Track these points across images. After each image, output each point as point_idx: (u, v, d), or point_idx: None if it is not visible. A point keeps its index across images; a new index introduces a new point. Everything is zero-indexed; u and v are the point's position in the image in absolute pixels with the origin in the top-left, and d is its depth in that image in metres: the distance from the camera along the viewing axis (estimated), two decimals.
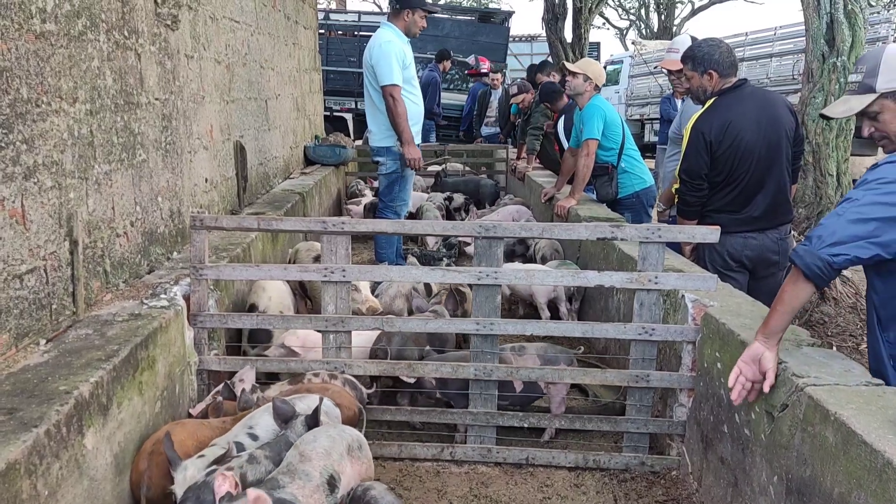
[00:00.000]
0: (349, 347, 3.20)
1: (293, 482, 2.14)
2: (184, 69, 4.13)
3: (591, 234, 3.03)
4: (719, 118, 3.73)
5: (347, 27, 18.24)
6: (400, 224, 3.12)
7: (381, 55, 5.31)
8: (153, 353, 2.71)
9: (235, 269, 3.17)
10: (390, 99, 5.29)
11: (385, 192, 5.71)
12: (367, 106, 5.66)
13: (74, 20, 2.83)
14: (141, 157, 3.48)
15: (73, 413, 2.09)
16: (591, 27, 16.42)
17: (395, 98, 5.30)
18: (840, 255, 2.19)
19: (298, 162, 7.94)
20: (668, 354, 3.33)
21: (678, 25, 33.67)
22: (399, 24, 5.55)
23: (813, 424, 2.08)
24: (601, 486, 3.10)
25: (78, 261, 2.78)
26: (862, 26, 6.15)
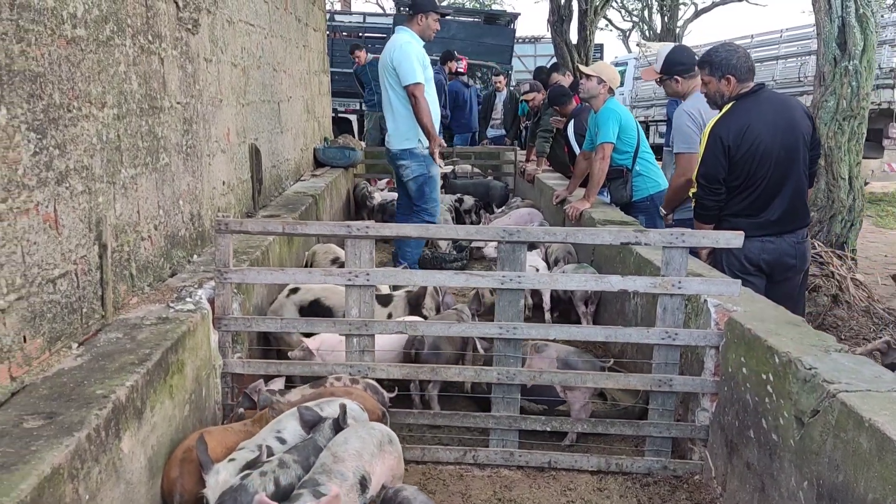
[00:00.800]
0: (373, 351, 3.21)
1: (331, 481, 2.17)
2: (203, 73, 4.15)
3: (616, 239, 3.04)
4: (737, 122, 3.75)
5: (352, 28, 18.26)
6: (424, 229, 3.13)
7: (403, 56, 5.36)
8: (182, 357, 2.73)
9: (260, 272, 3.18)
10: (413, 98, 5.34)
11: (417, 196, 5.73)
12: (386, 110, 5.69)
13: (103, 25, 2.84)
14: (164, 160, 3.49)
15: (112, 417, 2.11)
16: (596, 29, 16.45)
17: (418, 97, 5.36)
18: None
19: (308, 164, 7.96)
20: (689, 359, 3.35)
21: (681, 27, 33.67)
22: (414, 27, 5.59)
23: (846, 430, 2.10)
24: (624, 489, 3.11)
25: (107, 265, 2.79)
26: (874, 30, 6.16)
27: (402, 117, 5.51)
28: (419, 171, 5.64)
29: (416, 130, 5.57)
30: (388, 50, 5.54)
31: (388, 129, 5.72)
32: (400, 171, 5.73)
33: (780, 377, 2.51)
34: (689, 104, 4.65)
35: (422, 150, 5.59)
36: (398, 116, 5.55)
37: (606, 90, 5.51)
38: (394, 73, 5.44)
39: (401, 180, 5.85)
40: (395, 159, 5.71)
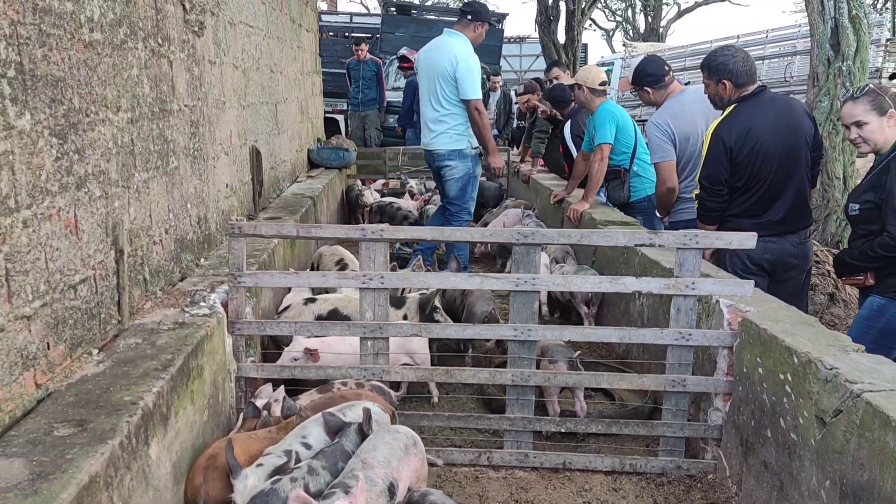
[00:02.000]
0: (387, 354, 3.21)
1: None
2: (208, 75, 4.13)
3: (630, 241, 3.07)
4: (739, 125, 3.79)
5: (339, 28, 18.23)
6: (439, 231, 3.14)
7: (468, 70, 5.50)
8: (201, 362, 2.72)
9: (274, 276, 3.17)
10: (476, 112, 5.54)
11: (458, 196, 5.82)
12: (427, 112, 5.74)
13: (117, 28, 2.83)
14: (173, 164, 3.48)
15: (141, 424, 2.10)
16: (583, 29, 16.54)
17: (481, 111, 5.58)
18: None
19: (303, 165, 7.94)
20: (700, 359, 3.37)
21: (664, 27, 33.93)
22: (469, 34, 5.68)
23: (871, 430, 2.12)
24: (639, 489, 3.13)
25: (123, 269, 2.78)
26: (866, 31, 6.26)
27: (454, 118, 5.61)
28: (465, 171, 5.76)
29: (467, 132, 5.70)
30: (443, 55, 5.57)
31: (433, 130, 5.73)
32: (445, 171, 5.79)
33: (800, 377, 2.54)
34: (658, 115, 4.70)
35: (470, 151, 5.73)
36: (449, 118, 5.63)
37: (588, 92, 5.57)
38: (451, 80, 5.53)
39: (440, 179, 5.93)
40: (443, 159, 5.77)
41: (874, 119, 3.25)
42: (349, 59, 11.48)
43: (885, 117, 3.23)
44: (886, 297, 3.25)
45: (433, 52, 5.71)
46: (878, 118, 3.24)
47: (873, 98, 3.25)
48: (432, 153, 5.83)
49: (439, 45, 5.69)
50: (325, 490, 2.21)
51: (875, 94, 3.24)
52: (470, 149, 5.75)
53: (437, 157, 5.80)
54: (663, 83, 4.79)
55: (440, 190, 6.10)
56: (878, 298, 3.29)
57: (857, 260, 3.37)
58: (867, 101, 3.26)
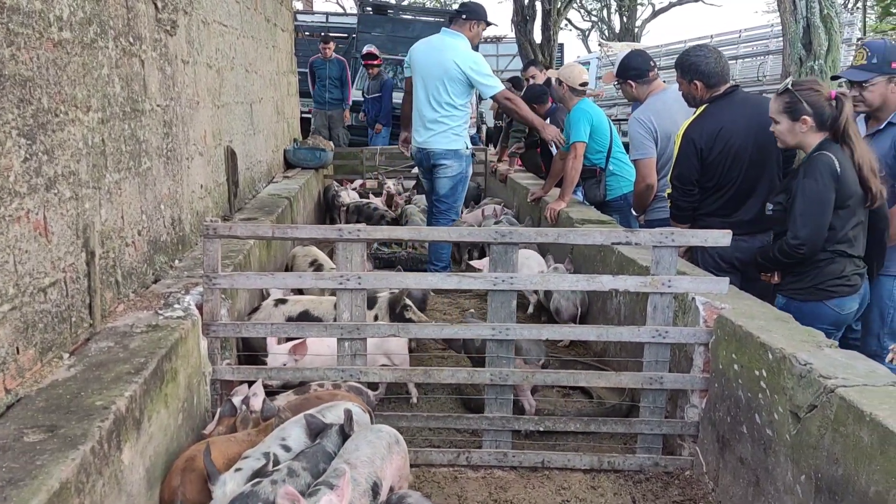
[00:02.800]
0: (364, 354, 3.19)
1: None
2: (181, 74, 4.08)
3: (607, 239, 3.07)
4: (709, 125, 3.80)
5: (315, 28, 18.14)
6: (416, 231, 3.13)
7: (484, 68, 5.69)
8: (175, 365, 2.68)
9: (249, 277, 3.14)
10: (509, 102, 5.80)
11: (448, 194, 5.89)
12: (424, 111, 5.77)
13: (87, 27, 2.78)
14: (146, 164, 3.43)
15: (113, 428, 2.07)
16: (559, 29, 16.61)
17: (512, 98, 5.85)
18: None
19: (279, 166, 7.88)
20: (677, 356, 3.39)
21: (640, 27, 34.16)
22: (466, 33, 5.76)
23: (845, 424, 2.14)
24: (617, 487, 3.14)
25: (94, 272, 2.73)
26: (838, 30, 6.32)
27: (454, 119, 5.68)
28: (459, 170, 5.85)
29: (465, 133, 5.82)
30: (447, 56, 5.61)
31: (431, 129, 5.76)
32: (439, 169, 5.84)
33: (775, 373, 2.56)
34: (640, 111, 4.72)
35: (465, 152, 5.82)
36: (448, 119, 5.69)
37: (567, 89, 5.59)
38: (458, 81, 5.60)
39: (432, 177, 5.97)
40: (438, 158, 5.81)
41: (784, 121, 3.22)
42: (314, 58, 11.34)
43: (797, 122, 3.18)
44: (786, 296, 3.29)
45: (432, 51, 5.70)
46: (789, 121, 3.21)
47: (789, 100, 3.20)
48: (427, 151, 5.85)
49: (439, 45, 5.70)
50: (310, 488, 2.19)
51: (792, 95, 3.19)
52: (465, 149, 5.82)
53: (432, 155, 5.83)
54: (647, 78, 4.80)
55: (430, 188, 6.11)
56: (780, 297, 3.33)
57: (762, 259, 3.41)
58: (781, 102, 3.23)
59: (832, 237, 3.13)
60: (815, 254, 3.13)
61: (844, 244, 3.15)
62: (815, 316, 2.99)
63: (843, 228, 3.13)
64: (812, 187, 3.10)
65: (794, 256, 3.14)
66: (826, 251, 3.15)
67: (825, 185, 3.08)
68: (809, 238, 3.10)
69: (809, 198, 3.10)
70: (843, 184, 3.09)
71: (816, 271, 3.18)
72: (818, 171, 3.10)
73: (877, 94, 3.50)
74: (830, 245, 3.14)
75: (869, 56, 3.52)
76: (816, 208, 3.10)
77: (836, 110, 3.14)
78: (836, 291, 3.17)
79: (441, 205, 5.92)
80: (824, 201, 3.10)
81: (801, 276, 3.23)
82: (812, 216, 3.10)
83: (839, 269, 3.16)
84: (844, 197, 3.11)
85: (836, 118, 3.14)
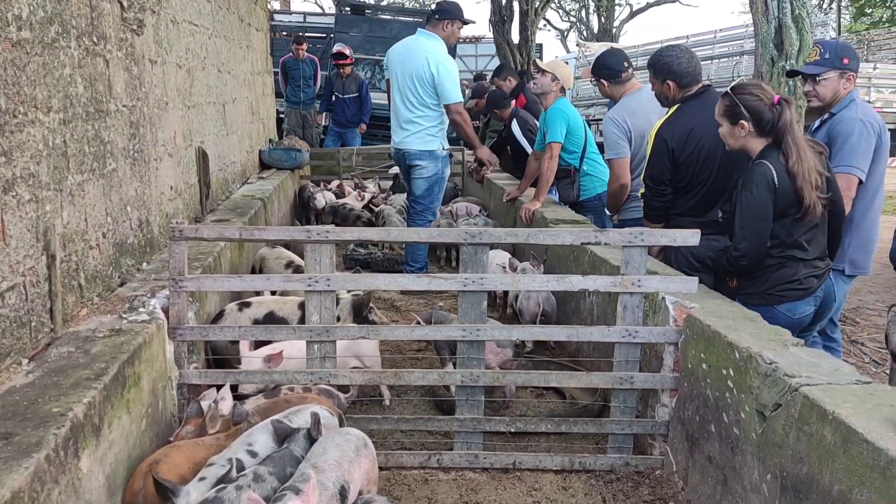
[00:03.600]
0: (334, 357, 3.17)
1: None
2: (149, 75, 4.02)
3: (576, 239, 3.07)
4: (681, 125, 3.81)
5: (292, 28, 18.03)
6: (385, 232, 3.10)
7: (448, 74, 5.59)
8: (139, 370, 2.64)
9: (217, 280, 3.10)
10: (459, 116, 5.65)
11: (424, 195, 5.92)
12: (400, 112, 5.77)
13: (48, 27, 2.73)
14: (111, 166, 3.38)
15: (70, 436, 2.02)
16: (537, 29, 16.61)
17: (462, 114, 5.71)
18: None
19: (254, 166, 7.82)
20: (648, 356, 3.40)
21: (617, 27, 34.36)
22: (439, 33, 5.72)
23: (809, 423, 2.15)
24: (588, 487, 3.14)
25: (55, 276, 2.68)
26: (809, 30, 6.37)
27: (428, 119, 5.67)
28: (434, 171, 5.86)
29: (439, 134, 5.80)
30: (418, 56, 5.61)
31: (406, 129, 5.78)
32: (415, 170, 5.86)
33: (741, 372, 2.57)
34: (615, 111, 4.72)
35: (441, 153, 5.81)
36: (422, 119, 5.68)
37: (558, 88, 5.57)
38: (427, 83, 5.58)
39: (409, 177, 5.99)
40: (413, 158, 5.83)
41: (725, 124, 3.21)
42: (285, 57, 11.28)
43: (736, 126, 3.16)
44: (742, 301, 3.26)
45: (406, 51, 5.71)
46: (729, 125, 3.19)
47: (728, 103, 3.18)
48: (403, 152, 5.87)
49: (413, 45, 5.70)
50: (276, 493, 2.16)
51: (731, 99, 3.16)
52: (441, 150, 5.82)
53: (408, 156, 5.85)
54: (619, 78, 4.80)
55: (409, 189, 6.11)
56: (738, 301, 3.29)
57: (715, 264, 3.43)
58: (723, 105, 3.22)
59: (780, 244, 3.10)
60: (759, 264, 3.13)
61: (795, 249, 3.11)
62: (768, 320, 2.97)
63: (791, 235, 3.09)
64: (748, 199, 3.07)
65: (738, 267, 3.16)
66: (774, 257, 3.13)
67: (762, 196, 3.04)
68: (749, 250, 3.10)
69: (746, 210, 3.08)
70: (782, 193, 3.03)
71: (767, 276, 3.17)
72: (754, 182, 3.06)
73: (829, 88, 3.59)
74: (779, 251, 3.11)
75: (822, 52, 3.62)
76: (754, 221, 3.07)
77: (776, 116, 3.11)
78: (786, 296, 3.15)
79: (417, 205, 5.93)
80: (762, 213, 3.06)
81: (753, 280, 3.23)
82: (750, 229, 3.08)
83: (790, 274, 3.14)
84: (785, 206, 3.06)
85: (775, 123, 3.11)
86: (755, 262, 3.14)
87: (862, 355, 5.17)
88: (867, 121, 3.57)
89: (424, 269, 5.91)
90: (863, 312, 6.23)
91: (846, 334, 5.55)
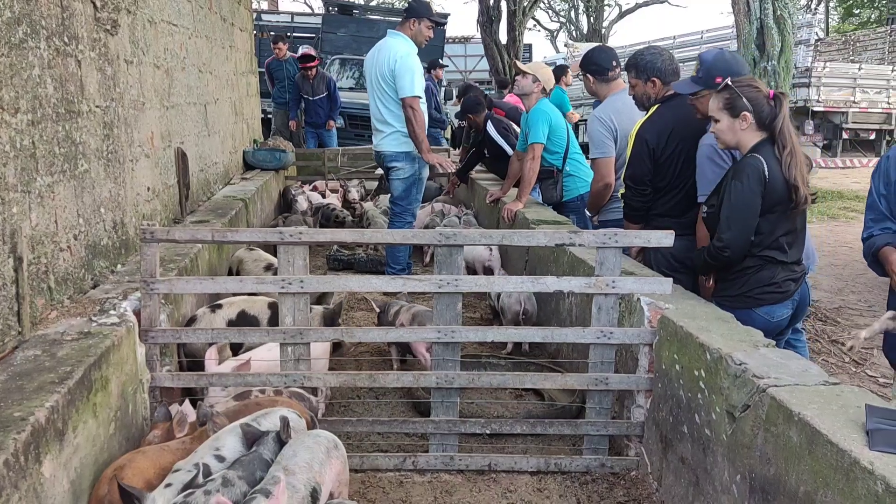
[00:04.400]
0: (308, 360, 3.15)
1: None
2: (124, 75, 3.99)
3: (550, 241, 3.06)
4: (661, 125, 3.81)
5: (280, 28, 17.99)
6: (359, 233, 3.08)
7: (405, 68, 5.49)
8: (106, 373, 2.61)
9: (189, 282, 3.08)
10: (410, 110, 5.50)
11: (402, 196, 5.89)
12: (375, 114, 5.77)
13: (15, 27, 2.70)
14: (83, 167, 3.35)
15: (31, 441, 2.00)
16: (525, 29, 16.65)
17: (415, 109, 5.54)
18: None
19: (238, 167, 7.79)
20: (623, 357, 3.39)
21: (606, 28, 34.44)
22: (406, 32, 5.69)
23: (776, 424, 2.15)
24: (563, 489, 3.13)
25: (23, 278, 2.65)
26: (791, 31, 6.42)
27: (399, 121, 5.62)
28: (411, 172, 5.82)
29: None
30: (384, 56, 5.58)
31: (381, 131, 5.77)
32: (392, 171, 5.85)
33: (712, 373, 2.56)
34: (600, 110, 4.69)
35: (416, 153, 5.75)
36: (394, 120, 5.65)
37: (539, 90, 5.57)
38: (391, 81, 5.53)
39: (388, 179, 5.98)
40: (389, 160, 5.81)
41: (725, 118, 3.13)
42: (269, 59, 11.31)
43: (737, 119, 3.10)
44: (718, 303, 3.24)
45: (376, 53, 5.71)
46: (729, 118, 3.12)
47: (729, 96, 3.11)
48: (381, 154, 5.88)
49: (381, 47, 5.70)
50: (246, 497, 2.14)
51: (732, 92, 3.11)
52: (416, 151, 5.78)
53: (384, 157, 5.85)
54: (606, 77, 4.76)
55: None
56: (714, 303, 3.26)
57: (696, 262, 3.38)
58: (722, 99, 3.13)
59: (760, 242, 3.07)
60: (741, 257, 3.08)
61: (775, 251, 3.09)
62: (745, 323, 2.95)
63: (773, 234, 3.07)
64: (738, 189, 3.04)
65: (720, 259, 3.10)
66: (755, 256, 3.09)
67: (751, 189, 3.02)
68: (733, 241, 3.04)
69: (735, 201, 3.04)
70: (771, 189, 3.01)
71: (745, 278, 3.13)
72: (746, 174, 3.04)
73: (706, 102, 3.40)
74: (759, 250, 3.08)
75: (699, 68, 3.51)
76: (742, 212, 3.04)
77: (774, 109, 3.11)
78: (764, 299, 3.13)
79: (396, 207, 5.93)
80: (750, 205, 3.04)
81: (730, 282, 3.19)
82: (737, 219, 3.04)
83: (769, 276, 3.11)
84: (772, 202, 3.04)
85: (774, 117, 3.11)
86: (737, 254, 3.09)
87: (842, 355, 5.18)
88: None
89: (406, 271, 5.90)
90: (844, 312, 6.25)
91: (827, 334, 5.58)
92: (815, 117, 13.52)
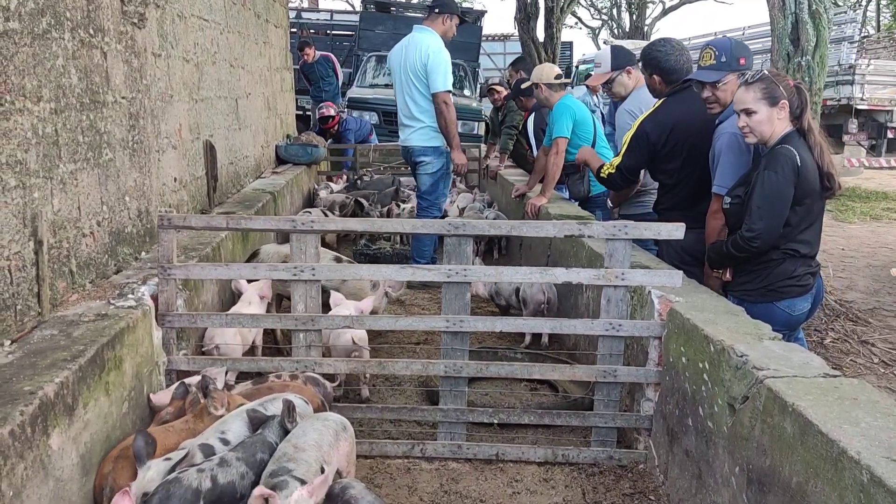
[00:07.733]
0: (320, 346, 3.20)
1: (298, 467, 2.20)
2: (151, 68, 4.10)
3: (559, 232, 3.06)
4: (663, 120, 3.78)
5: (320, 26, 18.20)
6: (370, 223, 3.13)
7: (438, 63, 5.56)
8: (120, 353, 2.70)
9: (204, 268, 3.16)
10: (443, 105, 5.56)
11: (430, 191, 5.95)
12: (404, 109, 5.82)
13: (38, 18, 2.80)
14: (107, 156, 3.45)
15: (38, 413, 2.08)
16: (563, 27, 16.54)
17: (449, 104, 5.60)
18: None
19: (270, 161, 7.91)
20: (635, 349, 3.38)
21: (649, 25, 34.01)
22: (437, 28, 5.75)
23: (772, 416, 2.13)
24: (570, 480, 3.13)
25: (43, 261, 2.75)
26: (826, 26, 6.26)
27: (430, 116, 5.68)
28: (438, 167, 5.88)
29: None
30: (413, 51, 5.64)
31: (410, 126, 5.83)
32: (420, 166, 5.91)
33: (715, 365, 2.55)
34: (629, 103, 4.69)
35: (445, 148, 5.83)
36: (423, 115, 5.71)
37: (545, 88, 5.59)
38: (422, 76, 5.59)
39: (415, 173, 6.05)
40: (417, 155, 5.87)
41: (763, 109, 3.02)
42: (300, 63, 11.59)
43: (775, 108, 3.01)
44: (737, 297, 3.19)
45: (404, 49, 5.75)
46: (768, 108, 3.02)
47: (766, 86, 3.02)
48: (408, 149, 5.94)
49: (409, 42, 5.74)
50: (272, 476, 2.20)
51: (769, 81, 3.03)
52: (445, 146, 5.84)
53: (412, 152, 5.90)
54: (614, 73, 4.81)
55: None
56: (731, 298, 3.21)
57: (715, 254, 3.29)
58: (759, 89, 3.03)
59: (788, 234, 3.03)
60: (769, 249, 3.03)
61: (798, 244, 3.05)
62: (765, 318, 2.89)
63: (799, 226, 3.03)
64: (772, 179, 2.97)
65: (748, 250, 3.03)
66: (779, 249, 3.05)
67: (786, 178, 2.96)
68: (764, 231, 2.98)
69: (768, 190, 2.97)
70: (804, 180, 2.97)
71: (767, 272, 3.09)
72: (780, 164, 2.98)
73: (728, 92, 3.35)
74: (784, 243, 3.04)
75: (717, 55, 3.40)
76: (774, 202, 2.99)
77: (802, 99, 3.06)
78: (786, 292, 3.08)
79: (423, 201, 5.97)
80: (783, 195, 2.99)
81: (751, 276, 3.14)
82: (769, 209, 2.98)
83: (790, 270, 3.07)
84: (803, 194, 2.99)
85: (804, 108, 3.05)
86: (766, 245, 3.02)
87: (871, 356, 5.07)
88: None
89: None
90: (878, 314, 6.11)
91: (857, 334, 5.46)
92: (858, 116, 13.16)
